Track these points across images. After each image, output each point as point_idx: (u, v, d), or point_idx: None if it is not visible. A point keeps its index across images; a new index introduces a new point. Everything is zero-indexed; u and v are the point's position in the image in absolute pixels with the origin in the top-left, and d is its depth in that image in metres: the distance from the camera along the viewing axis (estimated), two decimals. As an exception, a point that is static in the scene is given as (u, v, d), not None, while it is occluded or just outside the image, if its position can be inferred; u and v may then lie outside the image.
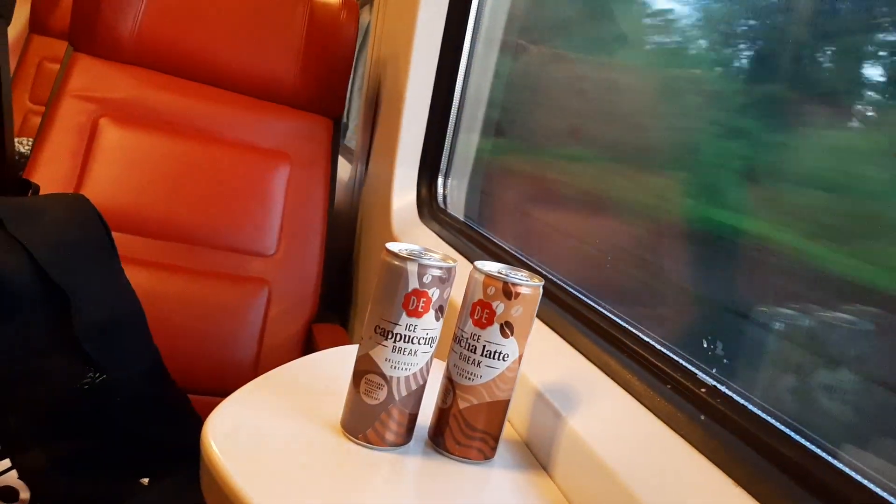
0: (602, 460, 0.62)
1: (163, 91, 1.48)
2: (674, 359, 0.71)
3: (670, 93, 1.01)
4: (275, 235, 1.48)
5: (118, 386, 0.99)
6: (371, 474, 0.63)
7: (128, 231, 1.35)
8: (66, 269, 0.96)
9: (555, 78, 1.33)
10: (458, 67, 1.46)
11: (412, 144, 1.49)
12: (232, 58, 1.54)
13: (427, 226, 1.40)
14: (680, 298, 0.90)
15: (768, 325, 0.73)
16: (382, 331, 0.64)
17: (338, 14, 1.58)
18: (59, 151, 1.37)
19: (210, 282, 1.37)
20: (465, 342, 0.66)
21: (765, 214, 0.79)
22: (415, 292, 0.63)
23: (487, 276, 0.66)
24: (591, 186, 1.15)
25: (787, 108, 0.78)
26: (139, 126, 1.43)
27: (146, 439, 1.03)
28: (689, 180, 0.93)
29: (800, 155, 0.76)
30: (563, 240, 1.19)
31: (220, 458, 0.60)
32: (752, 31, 0.86)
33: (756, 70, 0.83)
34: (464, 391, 0.67)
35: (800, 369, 0.67)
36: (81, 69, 1.44)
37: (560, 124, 1.28)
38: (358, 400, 0.66)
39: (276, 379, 0.77)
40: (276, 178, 1.51)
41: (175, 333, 1.30)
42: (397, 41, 1.56)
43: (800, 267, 0.72)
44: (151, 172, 1.41)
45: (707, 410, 0.62)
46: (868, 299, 0.63)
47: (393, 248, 0.64)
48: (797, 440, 0.56)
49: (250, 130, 1.53)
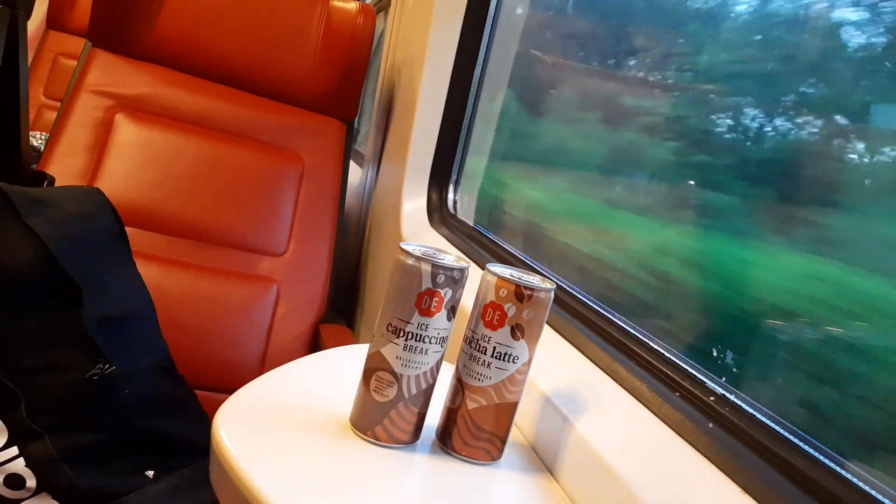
0: (609, 465, 0.62)
1: (179, 89, 1.50)
2: (683, 367, 0.72)
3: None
4: (285, 235, 1.48)
5: (127, 378, 0.99)
6: (379, 470, 0.63)
7: (140, 226, 1.36)
8: (79, 261, 0.97)
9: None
10: (473, 74, 1.47)
11: (423, 150, 1.50)
12: (248, 58, 1.55)
13: (437, 230, 1.41)
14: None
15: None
16: (395, 329, 0.64)
17: (355, 19, 1.60)
18: (74, 145, 1.39)
19: (219, 279, 1.38)
20: (476, 343, 0.67)
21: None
22: (428, 292, 0.64)
23: (500, 278, 0.66)
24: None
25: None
26: (155, 123, 1.44)
27: (153, 432, 1.03)
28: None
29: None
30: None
31: (231, 450, 0.60)
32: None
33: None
34: (473, 392, 0.67)
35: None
36: (99, 65, 1.46)
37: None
38: (368, 397, 0.66)
39: (286, 374, 0.77)
40: (288, 179, 1.52)
41: (184, 329, 1.31)
42: (412, 48, 1.57)
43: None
44: (165, 169, 1.42)
45: (715, 418, 0.63)
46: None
47: (407, 247, 0.65)
48: (805, 449, 0.56)
49: (264, 131, 1.54)
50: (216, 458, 0.61)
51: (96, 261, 1.01)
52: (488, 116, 1.50)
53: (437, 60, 1.47)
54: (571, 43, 1.42)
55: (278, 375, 0.77)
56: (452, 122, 1.49)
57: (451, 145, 1.49)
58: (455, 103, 1.48)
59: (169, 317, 1.15)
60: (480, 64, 1.48)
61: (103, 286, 1.00)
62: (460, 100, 1.48)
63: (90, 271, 0.99)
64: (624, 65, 1.24)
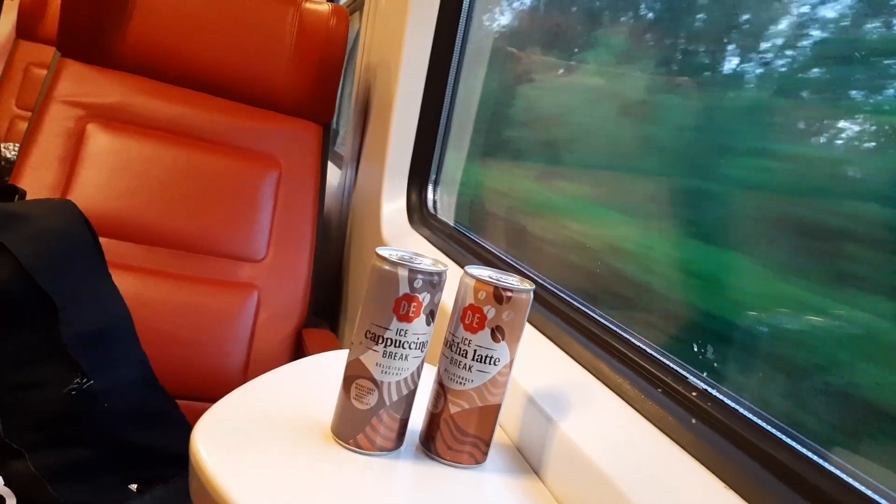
0: (593, 464, 0.62)
1: (151, 96, 1.48)
2: (665, 363, 0.72)
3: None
4: (264, 240, 1.47)
5: (106, 392, 0.98)
6: (362, 480, 0.63)
7: (116, 237, 1.35)
8: (54, 276, 0.96)
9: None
10: (448, 73, 1.46)
11: (402, 150, 1.49)
12: (221, 63, 1.53)
13: (417, 231, 1.40)
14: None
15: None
16: (373, 336, 0.64)
17: (327, 21, 1.58)
18: (46, 157, 1.36)
19: (199, 287, 1.37)
20: (456, 346, 0.66)
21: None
22: (405, 297, 0.63)
23: (478, 280, 0.65)
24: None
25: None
26: (127, 131, 1.42)
27: (135, 446, 1.02)
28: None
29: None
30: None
31: (209, 463, 0.59)
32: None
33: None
34: (455, 396, 0.67)
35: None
36: (69, 74, 1.44)
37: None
38: (348, 405, 0.65)
39: (265, 384, 0.76)
40: (266, 184, 1.51)
41: (164, 339, 1.30)
42: (387, 48, 1.57)
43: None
44: (139, 178, 1.40)
45: (698, 414, 0.63)
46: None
47: (383, 252, 0.64)
48: (787, 442, 0.56)
49: (239, 136, 1.52)
50: (194, 472, 0.60)
51: (71, 275, 1.00)
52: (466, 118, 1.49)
53: (412, 59, 1.47)
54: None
55: (258, 385, 0.76)
56: (430, 121, 1.48)
57: (429, 145, 1.49)
58: (432, 102, 1.47)
59: (149, 327, 1.13)
60: (456, 59, 1.47)
61: (79, 300, 0.99)
62: (437, 98, 1.47)
63: (65, 286, 0.97)
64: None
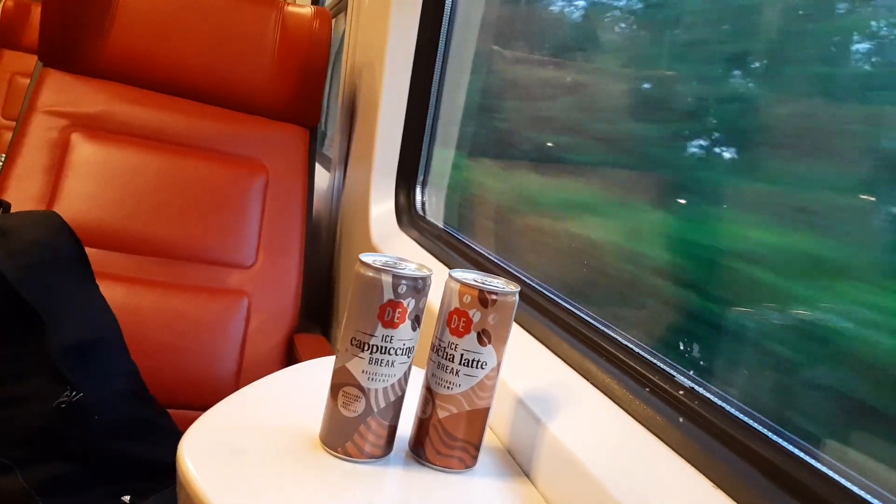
0: (583, 465, 0.62)
1: (135, 104, 1.47)
2: (652, 361, 0.72)
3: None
4: (253, 246, 1.46)
5: (95, 405, 0.97)
6: (351, 488, 0.62)
7: (103, 246, 1.34)
8: (39, 289, 0.95)
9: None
10: (432, 73, 1.46)
11: (389, 151, 1.49)
12: (204, 69, 1.53)
13: (406, 233, 1.40)
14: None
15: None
16: (359, 343, 0.63)
17: (310, 24, 1.58)
18: (30, 168, 1.36)
19: (188, 295, 1.36)
20: (443, 351, 0.66)
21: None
22: (390, 303, 0.63)
23: (463, 284, 0.65)
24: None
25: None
26: (112, 140, 1.41)
27: (126, 457, 1.01)
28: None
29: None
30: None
31: (196, 474, 0.59)
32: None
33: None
34: (443, 400, 0.66)
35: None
36: (51, 84, 1.43)
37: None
38: (336, 413, 0.65)
39: (253, 392, 0.76)
40: (253, 189, 1.50)
41: (154, 349, 1.29)
42: (371, 49, 1.56)
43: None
44: (125, 187, 1.39)
45: (685, 413, 0.63)
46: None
47: (366, 259, 0.64)
48: (775, 441, 0.56)
49: (225, 142, 1.52)
50: (182, 485, 0.60)
51: (57, 287, 0.99)
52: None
53: (396, 60, 1.46)
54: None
55: (247, 393, 0.76)
56: (416, 122, 1.47)
57: (417, 145, 1.48)
58: (417, 102, 1.47)
59: (139, 337, 1.13)
60: (440, 59, 1.46)
61: (66, 313, 0.98)
62: (422, 98, 1.47)
63: (51, 299, 0.96)
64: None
